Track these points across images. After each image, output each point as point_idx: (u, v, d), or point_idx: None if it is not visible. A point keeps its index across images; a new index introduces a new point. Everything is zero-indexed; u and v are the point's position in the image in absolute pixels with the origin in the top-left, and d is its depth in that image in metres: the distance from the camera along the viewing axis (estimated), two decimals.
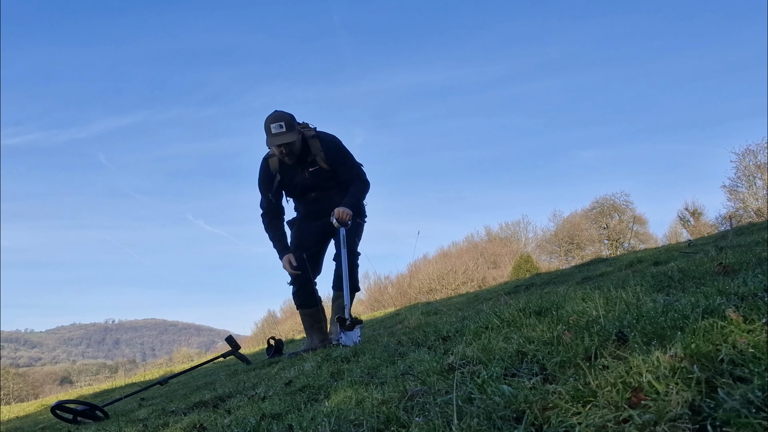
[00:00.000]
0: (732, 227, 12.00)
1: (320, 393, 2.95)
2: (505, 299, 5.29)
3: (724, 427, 1.28)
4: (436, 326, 4.28)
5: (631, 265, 7.36)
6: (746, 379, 1.44)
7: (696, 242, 9.12)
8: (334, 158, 5.95)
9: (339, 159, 6.00)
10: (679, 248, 8.34)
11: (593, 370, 1.75)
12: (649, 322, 2.12)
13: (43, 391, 53.92)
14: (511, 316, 3.20)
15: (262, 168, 6.09)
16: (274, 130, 5.61)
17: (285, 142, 5.59)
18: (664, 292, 3.03)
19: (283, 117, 5.66)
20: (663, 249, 10.12)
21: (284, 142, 5.60)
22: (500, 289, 10.93)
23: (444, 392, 2.08)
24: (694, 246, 7.57)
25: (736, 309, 1.98)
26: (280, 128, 5.61)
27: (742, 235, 7.41)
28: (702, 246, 6.83)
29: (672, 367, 1.57)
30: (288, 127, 5.62)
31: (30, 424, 7.96)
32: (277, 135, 5.61)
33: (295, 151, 5.75)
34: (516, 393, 1.78)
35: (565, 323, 2.59)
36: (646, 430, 1.36)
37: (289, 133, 5.61)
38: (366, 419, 2.01)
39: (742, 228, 9.93)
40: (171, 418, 3.54)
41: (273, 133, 5.62)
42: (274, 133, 5.61)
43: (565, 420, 1.53)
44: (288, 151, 5.69)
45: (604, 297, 2.98)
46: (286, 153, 5.71)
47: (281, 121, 5.62)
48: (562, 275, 9.80)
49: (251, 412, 2.86)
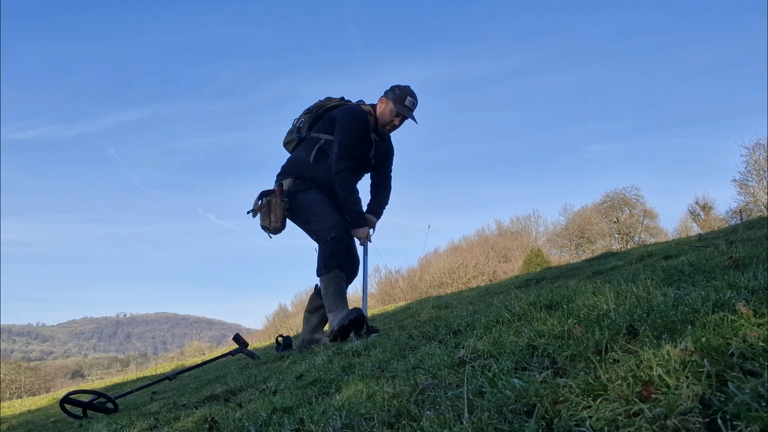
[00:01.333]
0: (742, 221, 11.96)
1: (331, 387, 2.95)
2: (516, 293, 5.29)
3: (734, 421, 1.28)
4: (446, 320, 4.29)
5: (641, 259, 7.34)
6: (756, 372, 1.44)
7: (706, 236, 9.07)
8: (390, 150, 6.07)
9: (391, 153, 6.10)
10: (689, 242, 8.31)
11: (604, 364, 1.75)
12: (659, 315, 2.12)
13: (54, 385, 53.99)
14: (522, 309, 3.20)
15: (363, 119, 5.71)
16: (409, 103, 5.65)
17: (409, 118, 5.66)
18: (674, 286, 3.03)
19: (417, 98, 5.70)
20: (673, 243, 10.08)
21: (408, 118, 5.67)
22: (511, 283, 10.91)
23: (455, 386, 2.09)
24: (705, 240, 7.54)
25: (747, 303, 1.98)
26: (413, 105, 5.67)
27: (752, 229, 7.37)
28: (712, 240, 6.81)
29: (682, 360, 1.57)
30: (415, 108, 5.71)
31: (42, 418, 7.99)
32: (409, 108, 5.65)
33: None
34: (527, 387, 1.78)
35: (576, 317, 2.59)
36: (656, 424, 1.36)
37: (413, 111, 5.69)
38: (377, 413, 2.02)
39: (752, 222, 9.88)
40: (182, 412, 3.55)
41: (407, 105, 5.64)
42: (407, 106, 5.64)
43: (575, 413, 1.53)
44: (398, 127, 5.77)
45: (615, 291, 2.97)
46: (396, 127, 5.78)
47: (416, 100, 5.69)
48: (573, 269, 9.77)
49: (262, 405, 2.86)
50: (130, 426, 3.65)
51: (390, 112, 5.65)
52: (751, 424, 1.25)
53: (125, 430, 3.60)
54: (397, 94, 5.63)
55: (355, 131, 5.62)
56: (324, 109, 5.92)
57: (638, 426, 1.38)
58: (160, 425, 3.36)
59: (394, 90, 5.67)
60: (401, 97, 5.60)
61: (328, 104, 5.96)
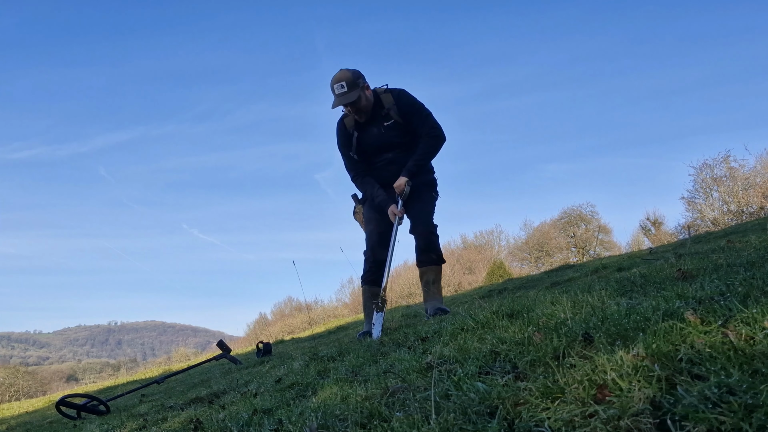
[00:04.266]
0: (690, 236, 12.06)
1: (308, 390, 2.94)
2: (480, 303, 5.28)
3: (682, 422, 1.28)
4: (415, 328, 4.28)
5: (596, 271, 7.38)
6: (703, 377, 1.44)
7: (657, 250, 9.14)
8: (407, 109, 5.38)
9: (412, 109, 5.39)
10: (641, 255, 8.36)
11: (561, 369, 1.75)
12: (613, 323, 2.12)
13: (50, 388, 53.50)
14: (485, 318, 3.20)
15: (339, 129, 5.58)
16: (337, 90, 5.18)
17: (349, 101, 5.16)
18: (627, 296, 3.04)
19: (344, 76, 5.21)
20: (626, 256, 10.15)
21: (348, 102, 5.17)
22: (475, 294, 10.94)
23: (423, 389, 2.08)
24: (655, 253, 7.59)
25: (694, 312, 1.98)
26: (342, 88, 5.17)
27: (699, 243, 7.44)
28: (662, 253, 6.85)
29: (635, 365, 1.58)
30: (350, 85, 5.17)
31: (38, 419, 7.90)
32: (340, 95, 5.18)
33: (364, 108, 5.31)
34: (490, 390, 1.78)
35: (536, 325, 2.58)
36: (610, 425, 1.36)
37: (351, 91, 5.17)
38: (350, 414, 2.01)
39: (699, 236, 9.97)
40: (170, 413, 3.54)
41: (337, 94, 5.19)
42: (337, 94, 5.19)
43: (535, 415, 1.53)
44: (356, 109, 5.28)
45: (572, 300, 2.98)
46: (354, 111, 5.29)
47: (342, 81, 5.18)
48: (533, 280, 9.82)
49: (244, 407, 2.85)
50: (121, 426, 3.63)
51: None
52: (698, 424, 1.25)
53: (117, 430, 3.58)
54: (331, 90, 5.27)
55: (340, 145, 5.61)
56: None
57: (593, 426, 1.38)
58: (149, 426, 3.34)
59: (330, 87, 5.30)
60: (332, 91, 5.24)
61: None
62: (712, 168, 35.55)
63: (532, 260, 51.68)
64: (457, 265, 45.29)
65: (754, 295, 2.16)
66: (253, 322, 58.11)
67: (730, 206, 34.20)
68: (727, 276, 2.86)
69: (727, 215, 33.94)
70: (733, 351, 1.52)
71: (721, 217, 33.87)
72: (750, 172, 34.30)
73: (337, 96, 5.19)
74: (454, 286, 41.27)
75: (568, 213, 52.69)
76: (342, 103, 5.18)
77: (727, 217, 33.72)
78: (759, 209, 32.41)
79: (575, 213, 52.54)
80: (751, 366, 1.42)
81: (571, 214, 52.51)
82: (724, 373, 1.41)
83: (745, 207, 33.48)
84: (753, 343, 1.55)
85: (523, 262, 52.23)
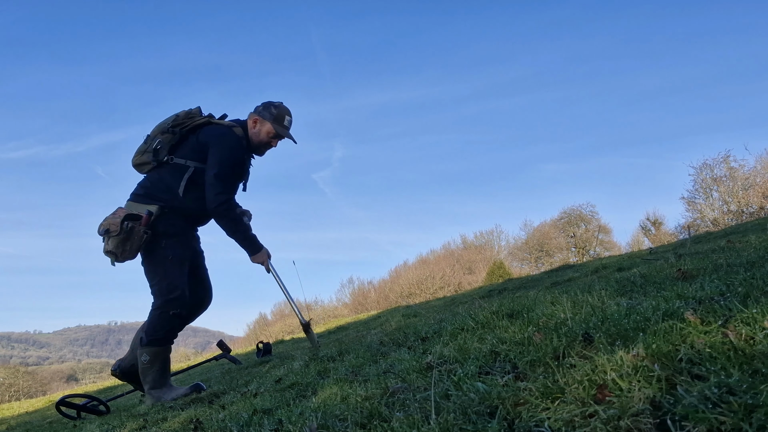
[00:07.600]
0: (690, 236, 12.06)
1: (308, 390, 2.94)
2: (480, 303, 5.28)
3: (682, 422, 1.28)
4: (415, 328, 4.27)
5: (596, 271, 7.39)
6: (703, 377, 1.44)
7: (657, 250, 9.14)
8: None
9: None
10: (641, 255, 8.36)
11: (561, 369, 1.75)
12: (613, 324, 2.12)
13: (50, 388, 53.53)
14: (485, 318, 3.20)
15: (241, 147, 4.85)
16: (288, 123, 4.90)
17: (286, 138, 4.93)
18: (627, 296, 3.04)
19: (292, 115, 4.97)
20: (626, 256, 10.14)
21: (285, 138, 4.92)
22: (475, 294, 10.94)
23: (423, 389, 2.08)
24: (655, 253, 7.59)
25: (694, 312, 1.98)
26: (290, 124, 4.93)
27: (699, 243, 7.44)
28: (662, 253, 6.85)
29: (635, 365, 1.58)
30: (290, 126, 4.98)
31: (38, 419, 7.90)
32: (287, 128, 4.90)
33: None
34: (490, 390, 1.78)
35: (536, 325, 2.59)
36: (610, 425, 1.36)
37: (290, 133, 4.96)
38: (350, 414, 2.01)
39: (699, 236, 9.96)
40: (169, 413, 3.53)
41: (285, 125, 4.88)
42: (286, 126, 4.89)
43: (535, 415, 1.53)
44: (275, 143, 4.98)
45: (572, 301, 2.98)
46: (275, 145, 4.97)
47: (292, 118, 4.96)
48: (533, 280, 9.81)
49: (244, 407, 2.85)
50: (121, 426, 3.62)
51: (267, 134, 4.87)
52: (698, 424, 1.25)
53: (117, 430, 3.57)
54: (274, 114, 4.87)
55: (237, 164, 4.79)
56: (187, 129, 4.85)
57: (593, 426, 1.38)
58: (149, 426, 3.33)
59: (270, 109, 4.89)
60: (279, 118, 4.87)
61: (190, 123, 4.87)
62: (712, 168, 35.60)
63: (532, 260, 51.67)
64: (457, 266, 45.34)
65: (754, 295, 2.16)
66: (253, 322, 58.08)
67: (730, 206, 34.23)
68: (727, 276, 2.86)
69: (727, 215, 33.96)
70: (733, 351, 1.52)
71: (721, 217, 33.89)
72: (750, 172, 34.37)
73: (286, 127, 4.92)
74: (454, 286, 41.30)
75: (568, 213, 52.67)
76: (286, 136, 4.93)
77: (727, 217, 33.74)
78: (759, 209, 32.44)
79: (575, 213, 52.51)
80: (751, 366, 1.42)
81: (571, 214, 52.48)
82: (724, 373, 1.41)
83: (745, 207, 33.51)
84: (753, 343, 1.55)
85: (523, 262, 52.21)
